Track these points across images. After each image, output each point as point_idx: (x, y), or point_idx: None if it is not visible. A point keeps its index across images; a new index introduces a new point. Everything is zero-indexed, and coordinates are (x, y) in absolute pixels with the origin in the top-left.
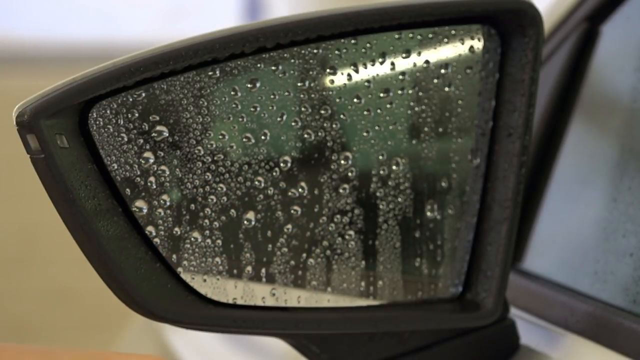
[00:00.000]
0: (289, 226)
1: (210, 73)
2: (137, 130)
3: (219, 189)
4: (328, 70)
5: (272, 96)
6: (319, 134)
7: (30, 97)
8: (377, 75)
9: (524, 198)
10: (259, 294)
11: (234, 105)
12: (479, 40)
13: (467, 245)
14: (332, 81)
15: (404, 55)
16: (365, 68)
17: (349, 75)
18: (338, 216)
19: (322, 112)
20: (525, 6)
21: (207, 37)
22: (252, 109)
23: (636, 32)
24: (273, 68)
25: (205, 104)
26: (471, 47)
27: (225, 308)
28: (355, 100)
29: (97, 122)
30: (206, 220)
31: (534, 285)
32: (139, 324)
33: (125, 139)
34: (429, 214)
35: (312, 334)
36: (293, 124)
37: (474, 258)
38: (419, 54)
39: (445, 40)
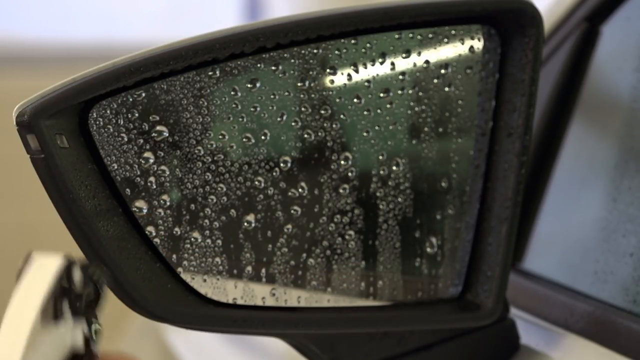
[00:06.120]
0: (289, 226)
1: (210, 73)
2: (137, 130)
3: (219, 189)
4: (328, 70)
5: (272, 96)
6: (319, 134)
7: (30, 97)
8: (377, 75)
9: (524, 198)
10: (259, 294)
11: (234, 105)
12: (479, 40)
13: (467, 245)
14: (332, 81)
15: (404, 55)
16: (365, 68)
17: (349, 75)
18: (338, 216)
19: (322, 112)
20: (525, 6)
21: (207, 37)
22: (252, 109)
23: (636, 32)
24: (273, 68)
25: (205, 104)
26: (471, 47)
27: (225, 308)
28: (355, 100)
29: (97, 122)
30: (206, 220)
31: (534, 285)
32: (139, 324)
33: (125, 139)
34: (428, 214)
35: (312, 334)
36: (293, 124)
37: (474, 258)
38: (419, 54)
39: (445, 40)
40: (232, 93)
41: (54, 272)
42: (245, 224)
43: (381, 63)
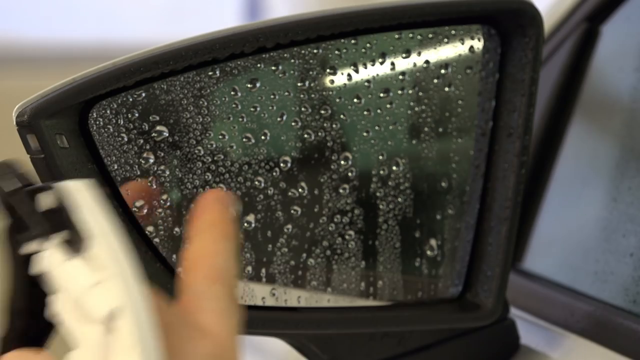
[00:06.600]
0: (289, 226)
1: (210, 73)
2: (137, 130)
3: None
4: (328, 70)
5: (272, 96)
6: (319, 134)
7: (30, 97)
8: (377, 75)
9: (524, 198)
10: (259, 294)
11: (234, 105)
12: (479, 40)
13: (467, 245)
14: (332, 81)
15: (404, 55)
16: (365, 68)
17: (349, 75)
18: (338, 216)
19: (322, 112)
20: (525, 6)
21: (207, 37)
22: (252, 109)
23: (636, 32)
24: (273, 68)
25: (205, 104)
26: (471, 47)
27: None
28: (355, 100)
29: (97, 122)
30: None
31: (534, 285)
32: None
33: (125, 139)
34: (428, 214)
35: (312, 334)
36: (293, 124)
37: (474, 258)
38: (419, 54)
39: (445, 40)
40: (232, 93)
41: (97, 195)
42: (245, 224)
43: (381, 63)
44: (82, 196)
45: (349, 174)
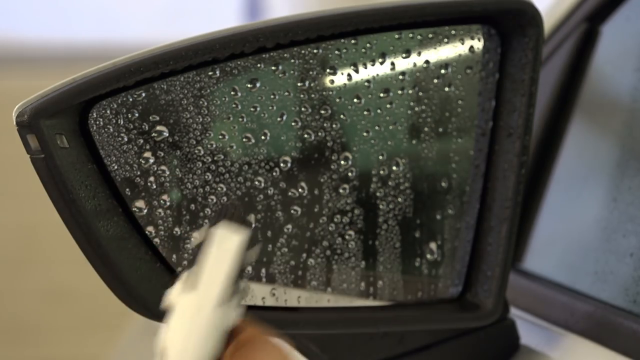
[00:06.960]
0: (289, 226)
1: (210, 73)
2: (137, 130)
3: (219, 189)
4: (328, 70)
5: (272, 96)
6: (319, 134)
7: (30, 97)
8: (377, 75)
9: (524, 198)
10: (259, 294)
11: (234, 105)
12: (479, 40)
13: (467, 245)
14: (332, 81)
15: (404, 55)
16: (365, 68)
17: (349, 75)
18: (338, 216)
19: (322, 112)
20: (525, 6)
21: (207, 37)
22: (252, 109)
23: (636, 32)
24: (273, 68)
25: (205, 104)
26: (471, 47)
27: None
28: (355, 100)
29: (97, 122)
30: (206, 221)
31: (534, 285)
32: (139, 324)
33: (125, 139)
34: (429, 214)
35: (312, 334)
36: (293, 124)
37: (474, 258)
38: (419, 54)
39: (445, 40)
40: (232, 93)
41: (236, 251)
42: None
43: (381, 63)
44: (220, 244)
45: (349, 174)
